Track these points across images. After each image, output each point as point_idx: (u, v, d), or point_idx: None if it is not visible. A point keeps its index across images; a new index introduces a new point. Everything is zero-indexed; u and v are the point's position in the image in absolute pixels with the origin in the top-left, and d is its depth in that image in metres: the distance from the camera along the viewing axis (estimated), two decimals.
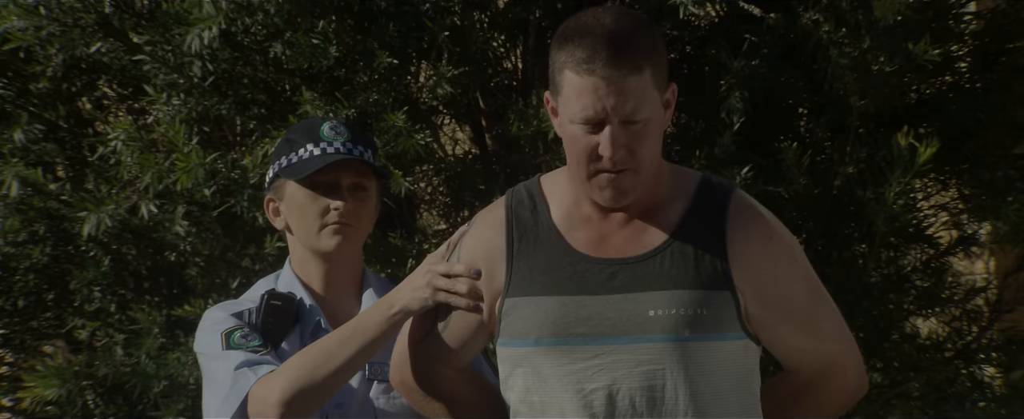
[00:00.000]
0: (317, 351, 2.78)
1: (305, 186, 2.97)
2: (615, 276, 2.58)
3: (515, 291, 2.62)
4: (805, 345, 2.64)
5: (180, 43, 3.89)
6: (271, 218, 3.05)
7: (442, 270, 2.70)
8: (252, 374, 2.84)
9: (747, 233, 2.59)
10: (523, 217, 2.65)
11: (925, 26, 3.98)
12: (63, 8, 3.99)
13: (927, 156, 3.88)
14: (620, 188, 2.55)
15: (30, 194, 4.21)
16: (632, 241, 2.60)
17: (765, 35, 4.10)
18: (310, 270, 3.02)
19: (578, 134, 2.54)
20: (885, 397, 4.58)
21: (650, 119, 2.53)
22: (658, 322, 2.55)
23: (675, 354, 2.55)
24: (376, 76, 3.99)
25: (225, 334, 2.91)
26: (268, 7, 3.97)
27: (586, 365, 2.58)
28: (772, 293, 2.59)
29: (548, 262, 2.61)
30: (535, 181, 2.70)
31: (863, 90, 4.02)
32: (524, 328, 2.61)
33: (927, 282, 4.61)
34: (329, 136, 2.99)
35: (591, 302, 2.58)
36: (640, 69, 2.51)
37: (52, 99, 4.48)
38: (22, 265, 4.38)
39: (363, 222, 3.00)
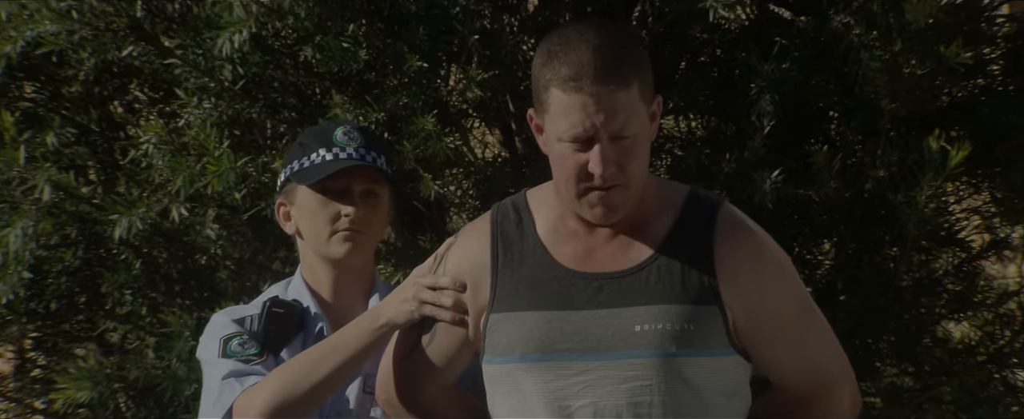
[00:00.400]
0: (300, 364, 2.75)
1: (316, 191, 2.95)
2: (601, 291, 2.54)
3: (500, 306, 2.59)
4: (795, 362, 2.60)
5: (211, 47, 3.91)
6: (282, 223, 3.02)
7: (428, 282, 2.66)
8: (238, 385, 2.82)
9: (735, 247, 2.55)
10: (508, 231, 2.62)
11: (957, 28, 3.96)
12: (95, 12, 4.00)
13: (959, 159, 3.86)
14: (611, 205, 2.53)
15: (62, 198, 4.23)
16: (618, 256, 2.56)
17: (796, 38, 4.09)
18: (319, 276, 2.99)
19: (566, 152, 2.50)
20: (917, 401, 4.56)
21: (639, 134, 2.50)
22: (644, 337, 2.51)
23: (662, 370, 2.51)
24: (406, 79, 3.99)
25: (223, 340, 2.90)
26: (298, 11, 3.97)
27: (572, 381, 2.54)
28: (760, 308, 2.55)
29: (533, 277, 2.58)
30: (521, 195, 2.67)
31: (894, 93, 4.00)
32: (509, 344, 2.57)
33: (959, 286, 4.58)
34: (342, 141, 2.97)
35: (576, 317, 2.54)
36: (628, 84, 2.47)
37: (84, 103, 4.50)
38: (54, 268, 4.40)
39: (374, 229, 2.97)
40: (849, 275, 4.44)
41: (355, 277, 2.99)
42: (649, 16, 4.31)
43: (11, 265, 4.14)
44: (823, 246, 4.69)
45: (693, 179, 4.17)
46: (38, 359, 4.97)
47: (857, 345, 4.44)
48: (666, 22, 4.30)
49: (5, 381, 4.92)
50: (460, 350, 2.66)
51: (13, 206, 4.20)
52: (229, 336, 2.90)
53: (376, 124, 3.99)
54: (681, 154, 4.48)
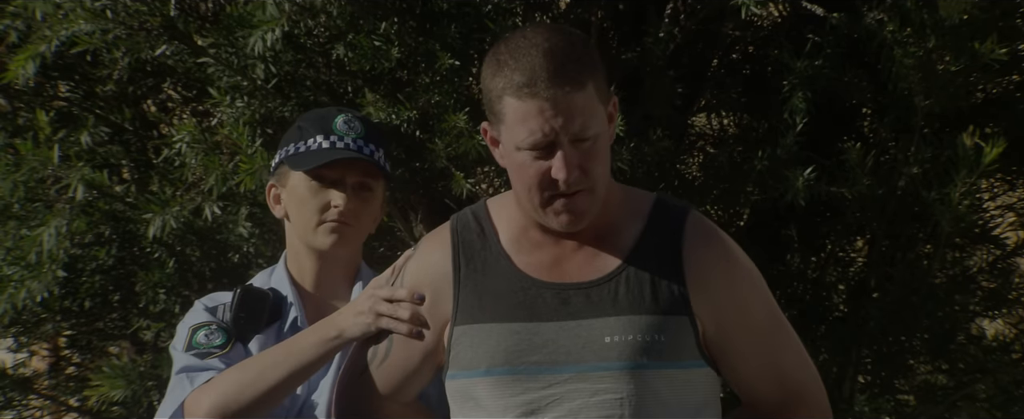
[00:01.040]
0: (249, 368, 2.67)
1: (309, 177, 2.86)
2: (568, 301, 2.47)
3: (463, 319, 2.51)
4: (765, 374, 2.54)
5: (243, 45, 3.91)
6: (271, 205, 2.94)
7: (385, 295, 2.57)
8: (188, 383, 2.75)
9: (704, 254, 2.49)
10: (470, 241, 2.54)
11: (991, 25, 3.94)
12: (129, 11, 4.01)
13: (993, 156, 3.85)
14: (576, 211, 2.45)
15: (96, 196, 4.24)
16: (585, 266, 2.49)
17: (828, 35, 4.07)
18: (303, 264, 2.90)
19: (527, 161, 2.43)
20: (951, 399, 4.55)
21: (599, 135, 2.44)
22: (615, 349, 2.45)
23: (633, 382, 2.44)
24: (438, 77, 3.99)
25: (191, 330, 2.82)
26: (331, 9, 3.98)
27: (540, 395, 2.46)
28: (731, 317, 2.49)
29: (498, 288, 2.50)
30: (481, 205, 2.59)
31: (928, 90, 3.98)
32: (474, 358, 2.49)
33: (993, 283, 4.56)
34: (341, 130, 2.88)
35: (545, 329, 2.47)
36: (583, 85, 2.41)
37: (118, 102, 4.51)
38: (88, 266, 4.42)
39: (363, 223, 2.87)
40: (882, 272, 4.42)
41: (339, 269, 2.89)
42: (681, 13, 4.30)
43: (45, 263, 4.15)
44: (856, 243, 4.67)
45: (727, 178, 4.17)
46: (72, 357, 4.99)
47: (890, 342, 4.43)
48: (698, 19, 4.29)
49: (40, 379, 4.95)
50: (420, 364, 2.57)
51: (47, 205, 4.22)
52: (197, 326, 2.82)
53: (408, 122, 3.99)
54: (713, 152, 4.47)
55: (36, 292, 4.15)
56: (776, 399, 2.55)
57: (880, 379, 4.46)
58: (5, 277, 4.15)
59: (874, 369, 4.47)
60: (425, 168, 4.16)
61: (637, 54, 4.22)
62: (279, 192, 2.93)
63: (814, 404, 2.58)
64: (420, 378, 2.58)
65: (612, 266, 2.49)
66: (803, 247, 4.55)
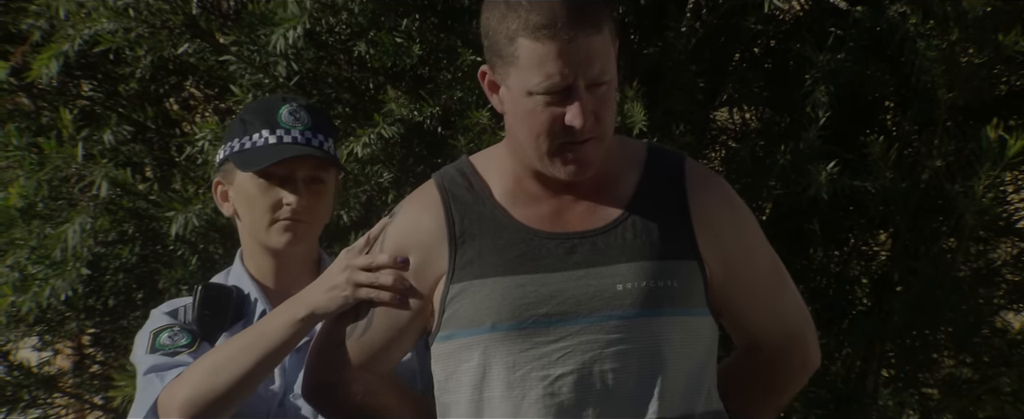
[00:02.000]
0: (219, 356, 2.56)
1: (257, 175, 2.72)
2: (574, 250, 2.36)
3: (463, 275, 2.37)
4: (769, 316, 2.48)
5: (265, 43, 3.92)
6: (219, 203, 2.81)
7: (362, 263, 2.44)
8: (159, 381, 2.63)
9: (709, 197, 2.42)
10: (461, 197, 2.41)
11: (1015, 17, 3.92)
12: (152, 10, 4.02)
13: (1017, 148, 3.83)
14: (586, 160, 2.34)
15: (119, 194, 4.25)
16: (587, 215, 2.39)
17: (851, 28, 4.06)
18: (260, 263, 2.77)
19: (537, 107, 2.31)
20: (976, 392, 4.53)
21: (612, 81, 2.34)
22: (629, 296, 2.34)
23: (649, 330, 2.35)
24: (460, 74, 3.99)
25: (153, 334, 2.70)
26: (352, 6, 3.98)
27: (550, 349, 2.34)
28: (738, 259, 2.42)
29: (497, 242, 2.37)
30: (464, 161, 2.47)
31: (951, 83, 3.97)
32: (476, 314, 2.36)
33: (1018, 276, 4.55)
34: (287, 122, 2.73)
35: (552, 280, 2.35)
36: (601, 27, 2.31)
37: (140, 100, 4.52)
38: (112, 264, 4.43)
39: (318, 217, 2.74)
40: (906, 266, 4.41)
41: (297, 265, 2.77)
42: (703, 8, 4.30)
43: (69, 261, 4.16)
44: (879, 237, 4.66)
45: (749, 172, 4.16)
46: (97, 355, 5.00)
47: (914, 336, 4.42)
48: (720, 13, 4.28)
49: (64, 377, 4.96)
50: (404, 331, 2.44)
51: (71, 203, 4.23)
52: (159, 329, 2.70)
53: (430, 119, 3.99)
54: (736, 146, 4.46)
55: (60, 290, 4.16)
56: (778, 342, 2.50)
57: (904, 373, 4.45)
58: (30, 276, 4.16)
59: (898, 363, 4.46)
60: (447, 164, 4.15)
61: (659, 49, 4.21)
62: (226, 189, 2.79)
63: (812, 347, 2.53)
64: (403, 345, 2.46)
65: (615, 214, 2.40)
66: (826, 241, 4.54)
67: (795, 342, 2.52)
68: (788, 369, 2.54)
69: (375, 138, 3.95)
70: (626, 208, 2.40)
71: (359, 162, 4.02)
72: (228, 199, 2.78)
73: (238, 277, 2.79)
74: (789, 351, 2.52)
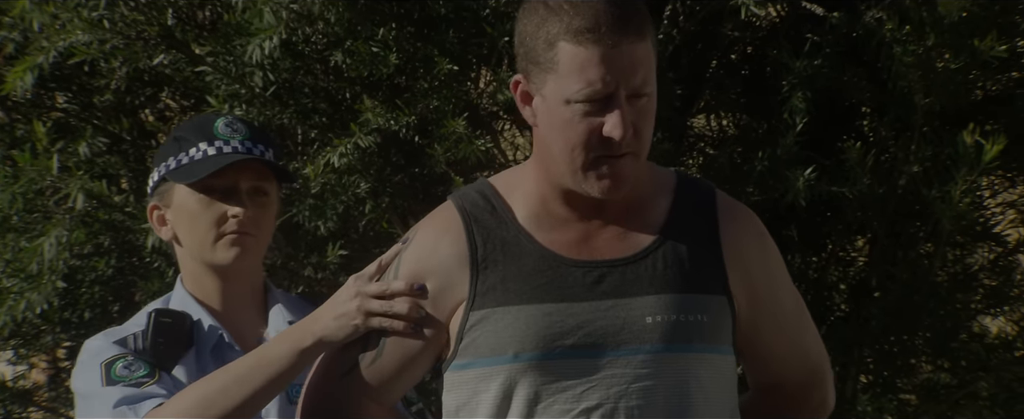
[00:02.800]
0: (213, 385, 2.39)
1: (197, 191, 2.60)
2: (603, 280, 2.26)
3: (484, 302, 2.26)
4: (793, 354, 2.39)
5: (241, 54, 3.90)
6: (156, 228, 2.67)
7: (374, 291, 2.31)
8: (132, 414, 2.47)
9: (741, 231, 2.33)
10: (483, 220, 2.30)
11: (991, 22, 3.94)
12: (127, 21, 4.00)
13: (994, 153, 3.84)
14: (621, 176, 2.23)
15: (95, 206, 4.23)
16: (616, 242, 2.28)
17: (827, 34, 4.07)
18: (206, 286, 2.64)
19: (574, 117, 2.21)
20: (954, 397, 4.54)
21: (653, 94, 2.24)
22: (658, 330, 2.25)
23: (677, 366, 2.25)
24: (436, 83, 3.98)
25: (105, 365, 2.53)
26: (328, 16, 3.97)
27: (574, 382, 2.24)
28: (766, 295, 2.34)
29: (522, 268, 2.26)
30: (483, 183, 2.35)
31: (928, 88, 3.98)
32: (499, 343, 2.24)
33: (995, 281, 4.56)
34: (224, 133, 2.63)
35: (578, 310, 2.25)
36: (645, 35, 2.22)
37: (116, 112, 4.50)
38: (88, 277, 4.41)
39: (264, 231, 2.63)
40: (883, 271, 4.42)
41: (244, 284, 2.65)
42: (680, 14, 4.30)
43: (45, 275, 4.14)
44: (857, 243, 4.67)
45: (727, 179, 4.16)
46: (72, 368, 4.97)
47: (892, 341, 4.43)
48: (697, 20, 4.29)
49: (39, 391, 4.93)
50: (415, 362, 2.31)
51: (46, 216, 4.21)
52: (111, 360, 2.53)
53: (407, 128, 3.99)
54: (713, 153, 4.47)
55: (36, 303, 4.14)
56: (799, 380, 2.41)
57: (882, 378, 4.46)
58: (4, 289, 4.14)
59: (876, 368, 4.46)
60: (424, 174, 4.15)
61: None
62: (163, 213, 2.66)
63: (830, 386, 2.45)
64: (414, 375, 2.34)
65: (646, 242, 2.28)
66: (804, 247, 4.54)
67: (816, 379, 2.43)
68: (808, 408, 2.45)
69: (352, 148, 3.94)
70: (656, 237, 2.30)
71: (336, 172, 4.01)
72: (166, 222, 2.66)
73: (182, 302, 2.65)
74: (810, 389, 2.43)
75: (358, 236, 4.37)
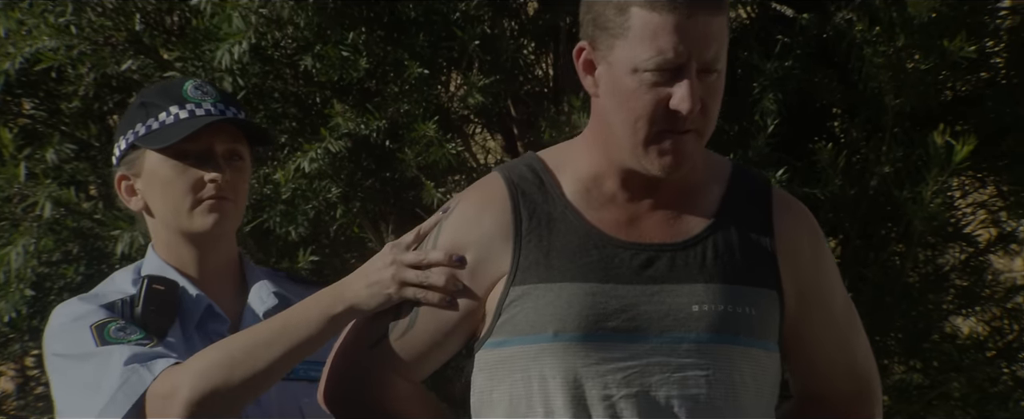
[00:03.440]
0: (237, 347, 2.29)
1: (171, 156, 2.48)
2: (651, 264, 2.17)
3: (526, 277, 2.17)
4: (839, 361, 2.29)
5: (210, 59, 3.89)
6: (124, 199, 2.55)
7: (411, 260, 2.21)
8: (146, 371, 2.34)
9: (796, 225, 2.24)
10: (530, 194, 2.21)
11: (960, 22, 3.95)
12: (94, 27, 3.99)
13: (964, 154, 3.85)
14: (683, 152, 2.13)
15: (63, 214, 4.21)
16: (666, 226, 2.20)
17: (798, 35, 4.08)
18: (182, 256, 2.51)
19: (641, 87, 2.11)
20: (926, 398, 4.55)
21: (723, 72, 2.16)
22: (704, 319, 2.16)
23: (722, 358, 2.16)
24: (407, 86, 3.97)
25: (96, 327, 2.40)
26: (298, 20, 3.96)
27: (615, 366, 2.15)
28: (816, 294, 2.25)
29: (567, 245, 2.17)
30: (532, 157, 2.26)
31: (898, 89, 3.99)
32: (538, 320, 2.15)
33: (966, 281, 4.57)
34: (195, 96, 2.51)
35: (624, 292, 2.16)
36: (721, 10, 2.14)
37: (84, 118, 4.48)
38: (56, 285, 4.38)
39: (241, 196, 2.52)
40: (856, 272, 4.42)
41: (223, 253, 2.53)
42: None
43: (13, 283, 4.11)
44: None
45: None
46: (41, 377, 4.95)
47: None
48: None
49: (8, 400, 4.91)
50: (448, 336, 2.22)
51: (14, 223, 4.19)
52: (101, 322, 2.41)
53: (377, 132, 3.97)
54: None
55: (4, 312, 4.12)
56: (846, 390, 2.30)
57: None
58: None
59: None
60: (395, 178, 4.14)
61: None
62: (132, 182, 2.53)
63: (878, 401, 2.33)
64: (446, 350, 2.23)
65: (697, 229, 2.20)
66: None
67: (864, 390, 2.32)
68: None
69: (322, 153, 3.92)
70: (708, 225, 2.21)
71: (306, 177, 4.00)
72: (135, 192, 2.53)
73: (157, 270, 2.51)
74: (857, 402, 2.32)
75: (329, 241, 4.36)
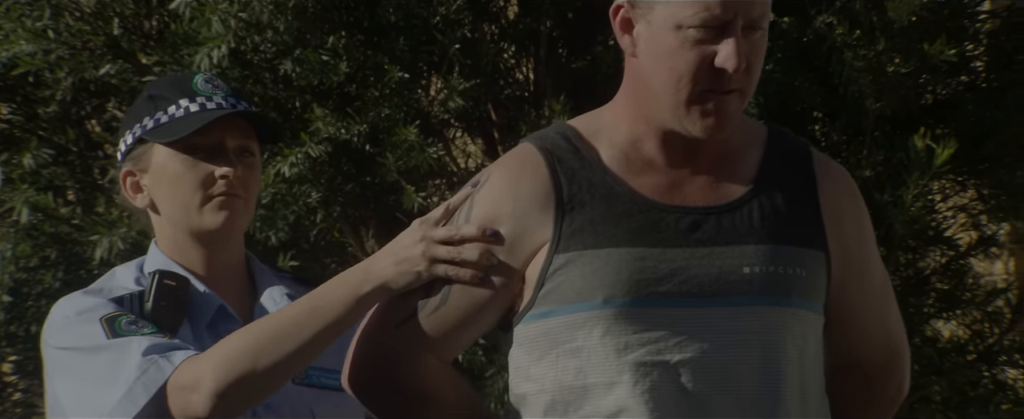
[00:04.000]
0: (263, 332, 2.20)
1: (181, 151, 2.39)
2: (698, 226, 2.11)
3: (570, 245, 2.09)
4: (877, 327, 2.23)
5: (189, 63, 3.88)
6: (129, 196, 2.45)
7: (442, 236, 2.13)
8: (166, 362, 2.25)
9: (839, 187, 2.18)
10: (567, 161, 2.13)
11: (940, 26, 3.96)
12: (72, 31, 3.98)
13: (945, 157, 3.86)
14: (726, 112, 2.07)
15: (41, 219, 4.20)
16: (708, 190, 2.14)
17: (779, 39, 4.08)
18: (190, 255, 2.42)
19: (684, 45, 2.05)
20: (908, 401, 4.55)
21: (767, 31, 2.10)
22: (756, 281, 2.10)
23: (774, 320, 2.10)
24: (387, 91, 3.97)
25: (106, 320, 2.31)
26: (277, 24, 3.95)
27: (666, 333, 2.08)
28: (858, 258, 2.18)
29: (611, 210, 2.11)
30: (564, 125, 2.19)
31: (879, 92, 4.00)
32: (586, 287, 2.08)
33: (947, 285, 4.57)
34: (206, 89, 2.43)
35: (673, 256, 2.09)
36: None
37: (61, 123, 4.47)
38: (34, 290, 4.37)
39: (252, 193, 2.42)
40: None
41: (232, 253, 2.43)
42: None
43: None
44: None
45: None
46: (19, 383, 4.93)
47: None
48: None
49: None
50: (482, 311, 2.14)
51: None
52: (111, 315, 2.32)
53: (358, 136, 3.97)
54: None
55: None
56: (879, 360, 2.24)
57: None
58: None
59: None
60: (376, 182, 4.13)
61: (587, 63, 4.21)
62: (138, 178, 2.43)
63: (907, 372, 2.28)
64: (479, 327, 2.15)
65: (739, 192, 2.14)
66: None
67: (896, 361, 2.26)
68: (884, 394, 2.28)
69: (302, 157, 3.92)
70: (750, 188, 2.15)
71: (286, 182, 3.99)
72: (141, 189, 2.44)
73: (161, 265, 2.41)
74: (889, 374, 2.26)
75: (309, 246, 4.35)
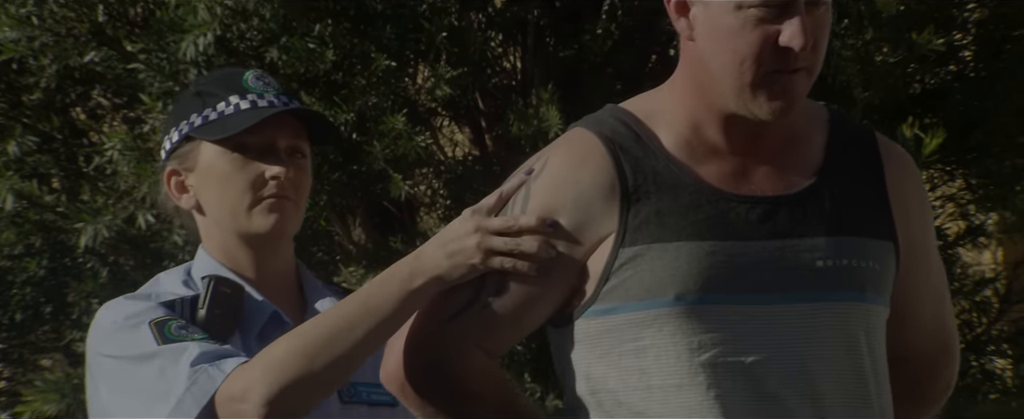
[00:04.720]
0: (314, 333, 2.10)
1: (230, 149, 2.28)
2: (769, 217, 2.00)
3: (637, 238, 1.99)
4: (933, 320, 2.14)
5: (175, 50, 3.86)
6: (174, 196, 2.33)
7: (498, 227, 2.02)
8: (216, 370, 2.16)
9: (904, 171, 2.08)
10: (629, 149, 2.02)
11: (928, 16, 3.96)
12: (56, 18, 3.96)
13: (933, 147, 3.85)
14: (794, 93, 1.97)
15: (25, 206, 4.18)
16: (776, 178, 2.03)
17: None
18: (239, 259, 2.31)
19: (746, 25, 1.96)
20: None
21: (830, 6, 2.00)
22: (831, 276, 2.00)
23: (849, 317, 2.00)
24: (374, 79, 3.95)
25: (156, 325, 2.22)
26: (263, 12, 3.93)
27: (740, 331, 1.98)
28: (922, 247, 2.09)
29: (678, 201, 2.00)
30: (618, 109, 2.07)
31: (867, 82, 3.99)
32: (656, 283, 1.98)
33: None
34: (257, 87, 2.33)
35: (745, 249, 1.99)
36: None
37: (46, 110, 4.46)
38: (19, 278, 4.36)
39: (303, 196, 2.33)
40: None
41: (283, 257, 2.34)
42: (619, 9, 4.29)
43: None
44: None
45: None
46: (4, 371, 4.92)
47: None
48: (636, 15, 4.27)
49: None
50: (539, 304, 2.03)
51: None
52: (161, 320, 2.22)
53: (345, 124, 3.95)
54: None
55: None
56: (930, 354, 2.15)
57: None
58: None
59: None
60: (363, 171, 4.11)
61: (575, 51, 4.20)
62: (184, 178, 2.32)
63: (957, 365, 2.19)
64: (533, 321, 2.05)
65: (807, 180, 2.04)
66: None
67: (946, 356, 2.18)
68: (934, 390, 2.19)
69: None
70: (818, 175, 2.04)
71: None
72: (186, 189, 2.32)
73: (214, 271, 2.31)
74: (938, 366, 2.17)
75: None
